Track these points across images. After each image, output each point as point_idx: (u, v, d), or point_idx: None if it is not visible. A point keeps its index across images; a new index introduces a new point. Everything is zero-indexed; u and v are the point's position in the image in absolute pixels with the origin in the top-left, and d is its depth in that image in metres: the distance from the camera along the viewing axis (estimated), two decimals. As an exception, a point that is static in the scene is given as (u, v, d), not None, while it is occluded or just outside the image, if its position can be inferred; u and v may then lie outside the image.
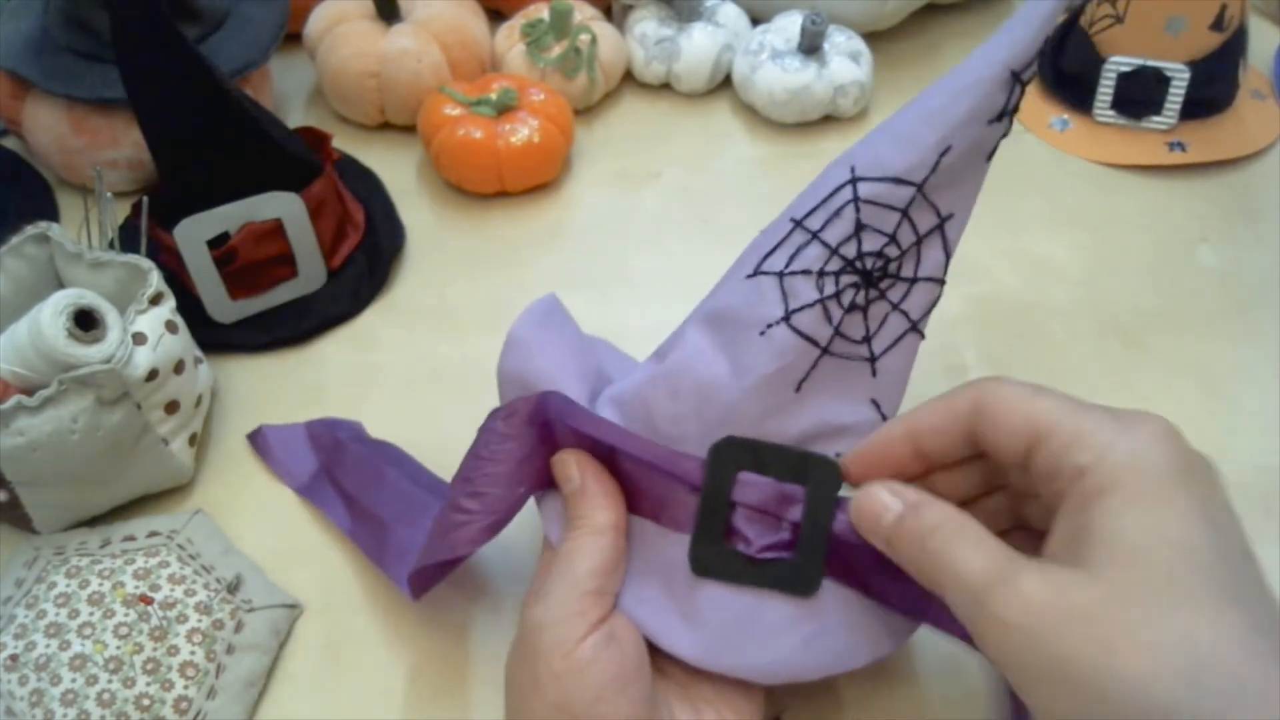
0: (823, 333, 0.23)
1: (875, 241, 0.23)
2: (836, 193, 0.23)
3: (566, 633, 0.23)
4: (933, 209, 0.23)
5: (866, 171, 0.23)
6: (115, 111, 0.41)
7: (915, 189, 0.23)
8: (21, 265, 0.33)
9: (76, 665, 0.27)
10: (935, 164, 0.22)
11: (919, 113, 0.23)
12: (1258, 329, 0.39)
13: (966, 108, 0.22)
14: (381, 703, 0.29)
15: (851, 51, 0.47)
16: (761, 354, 0.24)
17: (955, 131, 0.22)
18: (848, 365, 0.24)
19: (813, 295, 0.23)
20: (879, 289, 0.23)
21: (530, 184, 0.44)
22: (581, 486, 0.25)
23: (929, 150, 0.22)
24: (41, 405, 0.28)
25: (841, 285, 0.23)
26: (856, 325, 0.24)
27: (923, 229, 0.23)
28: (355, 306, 0.40)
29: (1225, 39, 0.45)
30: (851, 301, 0.23)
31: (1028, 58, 0.22)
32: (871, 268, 0.23)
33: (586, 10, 0.48)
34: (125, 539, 0.31)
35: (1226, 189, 0.45)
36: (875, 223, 0.23)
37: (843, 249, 0.23)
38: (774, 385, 0.24)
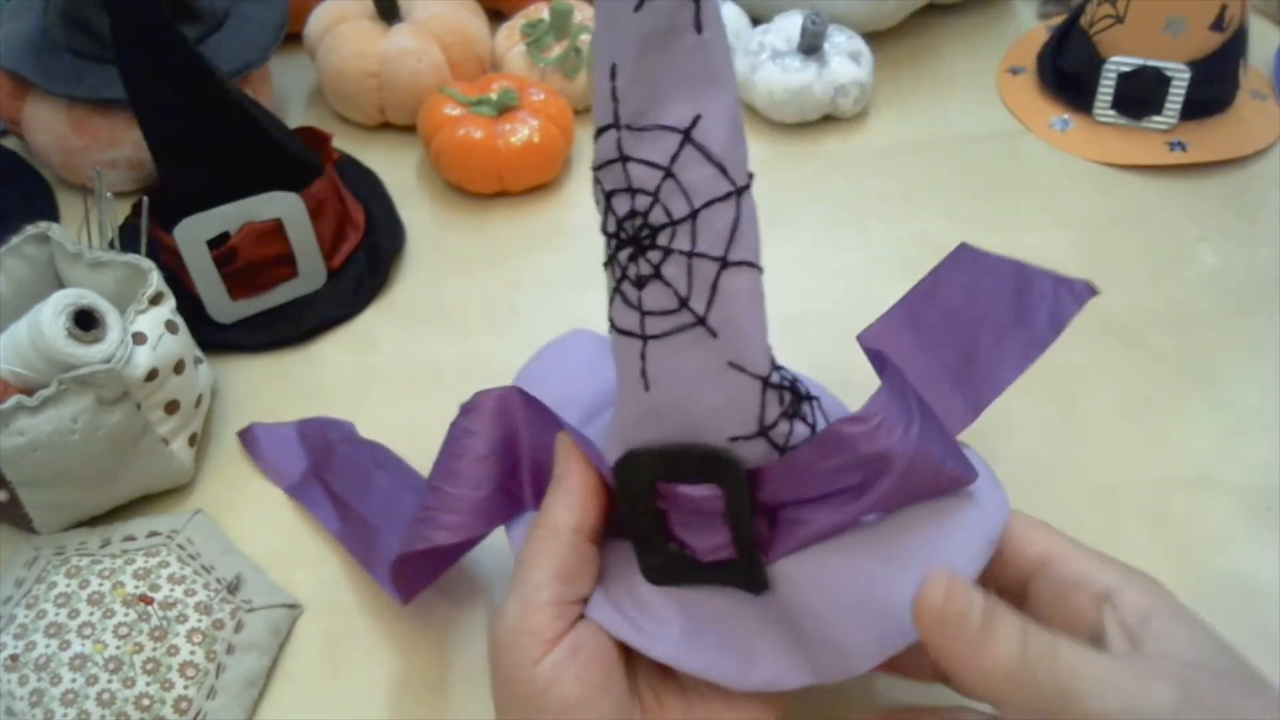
0: (632, 319, 0.21)
1: (623, 203, 0.20)
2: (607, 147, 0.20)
3: (522, 655, 0.21)
4: (660, 131, 0.19)
5: (632, 122, 0.20)
6: (115, 111, 0.41)
7: (613, 129, 0.19)
8: (21, 265, 0.33)
9: (76, 665, 0.27)
10: (613, 92, 0.19)
11: (595, 43, 0.20)
12: (1258, 329, 0.39)
13: (605, 13, 0.19)
14: (381, 703, 0.29)
15: (852, 51, 0.47)
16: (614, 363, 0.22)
17: (610, 45, 0.19)
18: (680, 340, 0.20)
19: (610, 285, 0.21)
20: (659, 246, 0.20)
21: (530, 184, 0.44)
22: (559, 476, 0.23)
23: (602, 83, 0.19)
24: (41, 405, 0.28)
25: (622, 261, 0.20)
26: (661, 295, 0.20)
27: (662, 158, 0.19)
28: (355, 306, 0.40)
29: (1225, 39, 0.45)
30: (639, 275, 0.20)
31: None
32: (635, 231, 0.20)
33: (587, 10, 0.48)
34: (125, 539, 0.31)
35: (1227, 189, 0.45)
36: (612, 183, 0.20)
37: (607, 227, 0.20)
38: (630, 390, 0.21)
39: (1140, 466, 0.34)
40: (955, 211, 0.44)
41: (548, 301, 0.41)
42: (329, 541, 0.33)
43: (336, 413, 0.36)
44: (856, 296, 0.40)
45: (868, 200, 0.45)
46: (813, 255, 0.42)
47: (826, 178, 0.46)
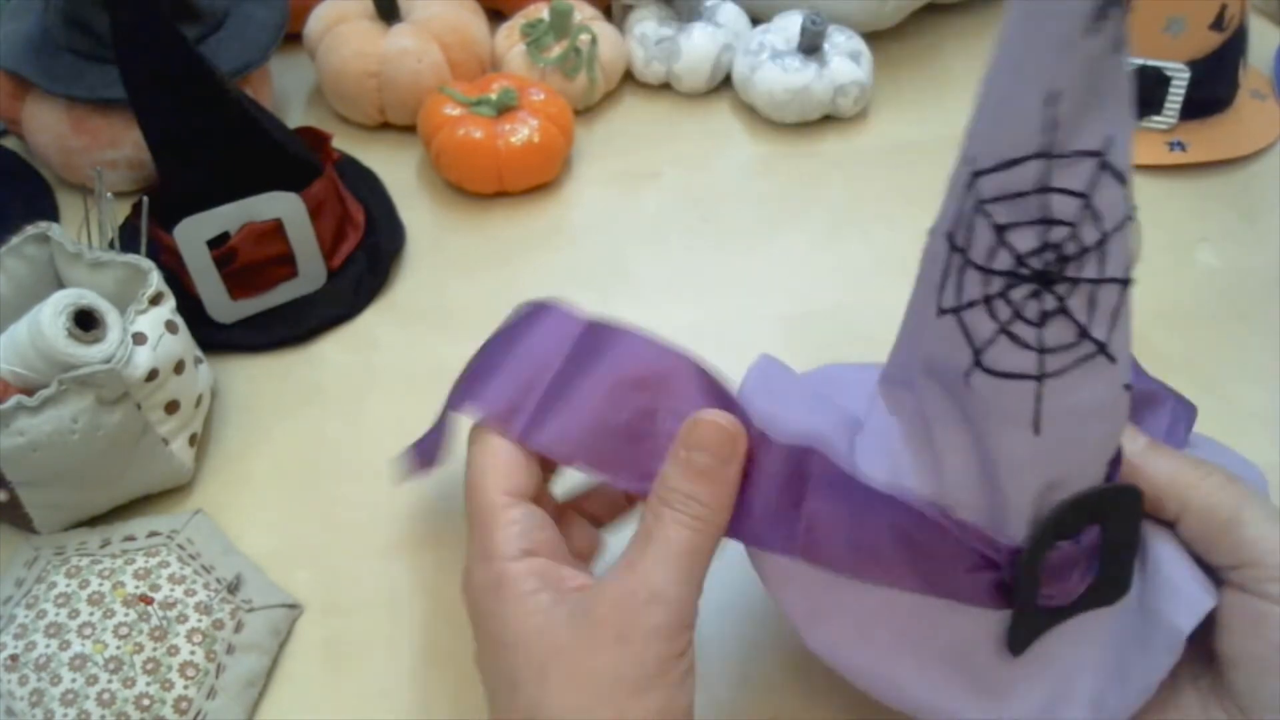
0: (1026, 361, 0.19)
1: (1028, 237, 0.19)
2: (965, 199, 0.19)
3: (679, 644, 0.20)
4: (1079, 157, 0.18)
5: (982, 163, 0.19)
6: (115, 111, 0.41)
7: (1038, 159, 0.18)
8: (21, 265, 0.33)
9: (76, 665, 0.27)
10: (1050, 121, 0.18)
11: (1007, 69, 0.18)
12: (1258, 329, 0.39)
13: (1049, 38, 0.17)
14: (381, 703, 0.29)
15: (851, 51, 0.47)
16: (970, 409, 0.20)
17: (1048, 70, 0.18)
18: (1081, 371, 0.19)
19: (991, 327, 0.19)
20: (1067, 279, 0.19)
21: (530, 184, 0.44)
22: (711, 468, 0.21)
23: (1024, 111, 0.18)
24: (41, 405, 0.28)
25: (1018, 300, 0.19)
26: (1063, 329, 0.19)
27: (1080, 185, 0.18)
28: (355, 306, 0.40)
29: (1225, 39, 0.45)
30: (1041, 311, 0.19)
31: None
32: (1044, 265, 0.19)
33: (586, 10, 0.48)
34: (125, 539, 0.31)
35: (1226, 189, 0.45)
36: (1015, 217, 0.19)
37: (994, 264, 0.19)
38: (1010, 438, 0.20)
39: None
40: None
41: (548, 301, 0.41)
42: (329, 541, 0.33)
43: (336, 413, 0.36)
44: (856, 296, 0.40)
45: (868, 200, 0.45)
46: (813, 255, 0.42)
47: (826, 178, 0.46)
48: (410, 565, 0.32)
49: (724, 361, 0.38)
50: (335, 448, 0.35)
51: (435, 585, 0.31)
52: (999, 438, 0.20)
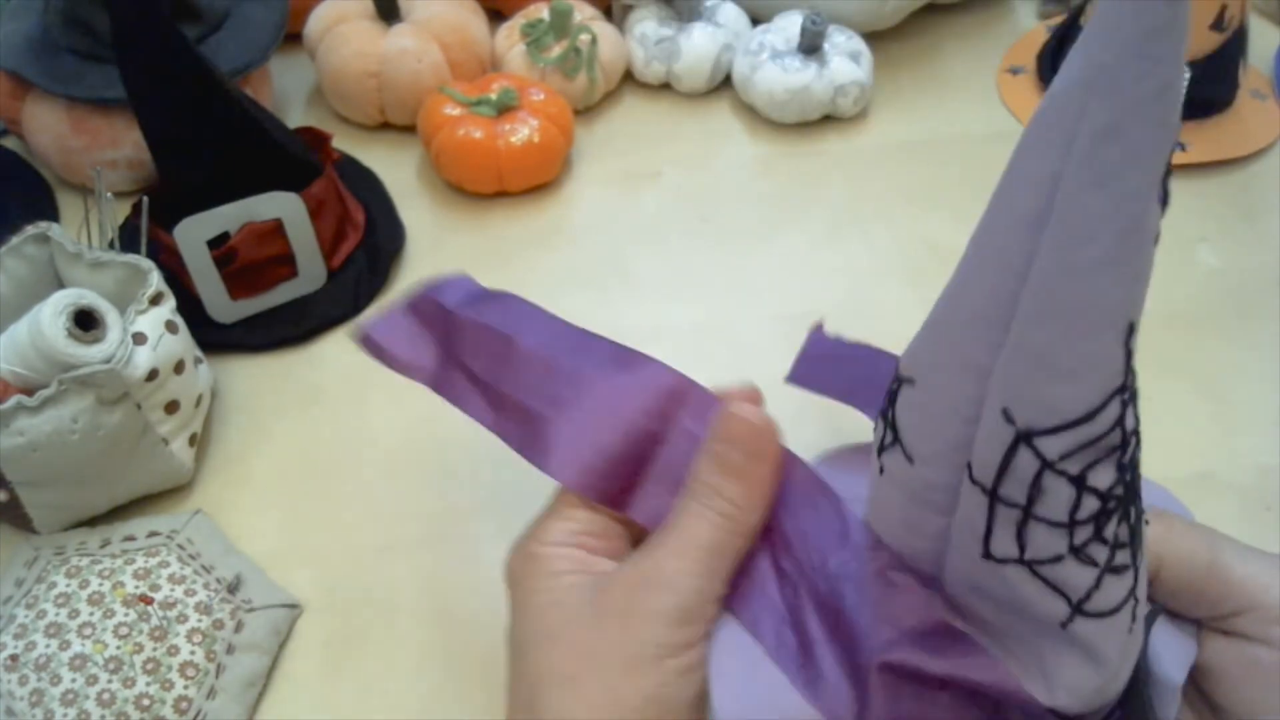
0: (1126, 585, 0.18)
1: (1108, 473, 0.17)
2: (1013, 462, 0.17)
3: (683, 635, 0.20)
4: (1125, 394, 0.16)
5: (1037, 421, 0.16)
6: (115, 112, 0.41)
7: (1122, 392, 0.16)
8: (21, 265, 0.33)
9: (76, 665, 0.27)
10: (1126, 357, 0.15)
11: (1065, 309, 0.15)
12: (1258, 329, 0.39)
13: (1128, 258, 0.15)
14: (381, 703, 0.29)
15: (851, 51, 0.47)
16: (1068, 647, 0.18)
17: (1129, 293, 0.15)
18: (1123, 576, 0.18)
19: (1090, 575, 0.17)
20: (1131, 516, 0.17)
21: (530, 184, 0.44)
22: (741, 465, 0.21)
23: (1116, 347, 0.15)
24: (41, 405, 0.28)
25: (1110, 534, 0.17)
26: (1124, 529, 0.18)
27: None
28: (355, 306, 0.40)
29: (1225, 39, 0.45)
30: (1129, 528, 0.18)
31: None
32: (1122, 492, 0.17)
33: (586, 10, 0.48)
34: (125, 539, 0.31)
35: (1226, 189, 0.45)
36: (1096, 458, 0.17)
37: (1080, 513, 0.17)
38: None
39: (1140, 466, 0.34)
40: (955, 211, 0.44)
41: (547, 301, 0.40)
42: (329, 541, 0.33)
43: (337, 412, 0.36)
44: (856, 296, 0.40)
45: (868, 200, 0.45)
46: (813, 255, 0.42)
47: (826, 177, 0.46)
48: (410, 565, 0.32)
49: (724, 361, 0.38)
50: (335, 448, 0.35)
51: (435, 585, 0.31)
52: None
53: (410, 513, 0.33)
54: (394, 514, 0.33)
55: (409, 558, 0.32)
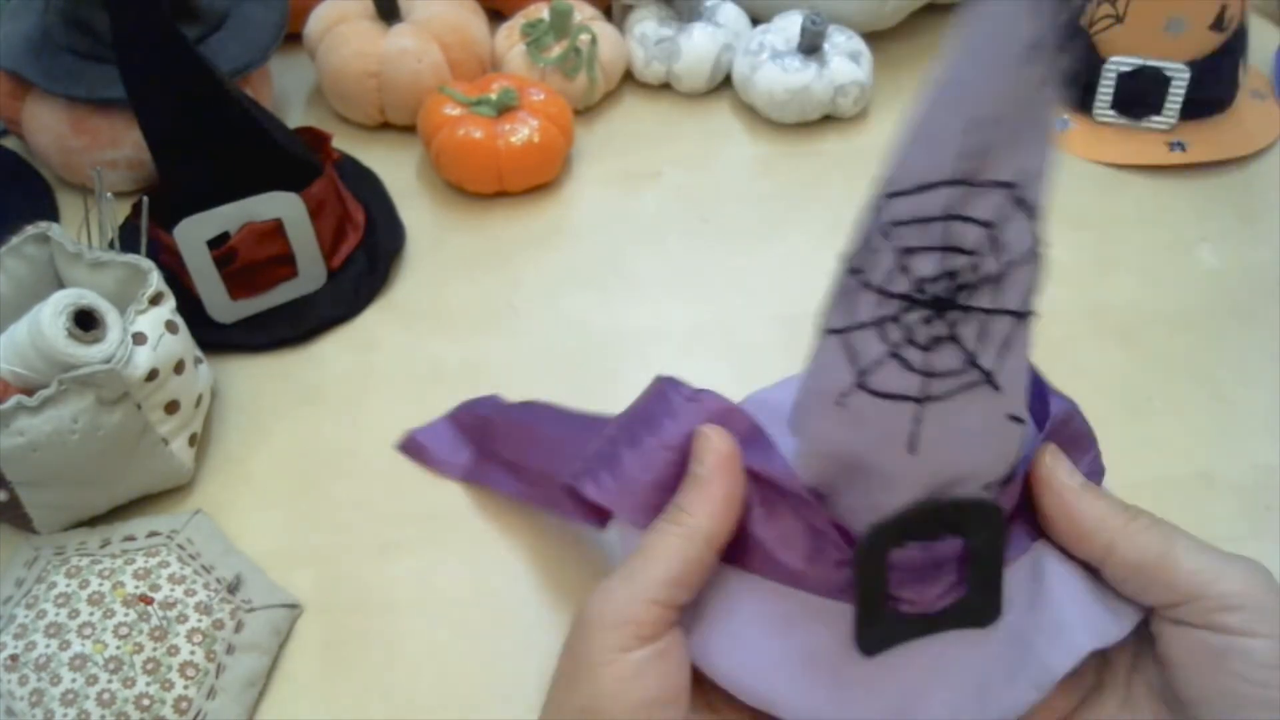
0: (909, 383, 0.19)
1: (929, 263, 0.18)
2: (873, 221, 0.19)
3: (617, 639, 0.21)
4: (992, 187, 0.18)
5: (897, 184, 0.19)
6: (115, 111, 0.41)
7: (948, 186, 0.18)
8: (21, 265, 0.33)
9: (76, 665, 0.27)
10: (964, 150, 0.18)
11: (936, 93, 0.18)
12: (1258, 329, 0.39)
13: (983, 64, 0.17)
14: (381, 703, 0.29)
15: (851, 51, 0.47)
16: (842, 427, 0.20)
17: (971, 97, 0.17)
18: (963, 399, 0.19)
19: (880, 349, 0.19)
20: (960, 307, 0.19)
21: (530, 184, 0.44)
22: (702, 477, 0.22)
23: (941, 136, 0.18)
24: (41, 405, 0.28)
25: (911, 324, 0.19)
26: (951, 356, 0.19)
27: (988, 215, 0.18)
28: (355, 306, 0.40)
29: (1225, 39, 0.45)
30: (931, 336, 0.19)
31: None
32: (942, 292, 0.19)
33: (586, 10, 0.48)
34: (125, 539, 0.31)
35: (1226, 189, 0.45)
36: (920, 241, 0.18)
37: (891, 286, 0.19)
38: (883, 455, 0.20)
39: (1140, 466, 0.34)
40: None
41: (547, 301, 0.41)
42: (329, 541, 0.33)
43: (336, 412, 0.36)
44: (856, 296, 0.40)
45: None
46: (813, 255, 0.42)
47: (826, 177, 0.46)
48: (410, 565, 0.32)
49: (723, 361, 0.39)
50: (335, 447, 0.35)
51: (435, 585, 0.31)
52: (875, 456, 0.20)
53: (410, 513, 0.33)
54: (393, 514, 0.33)
55: (409, 558, 0.32)
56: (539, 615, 0.31)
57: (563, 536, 0.32)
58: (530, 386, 0.37)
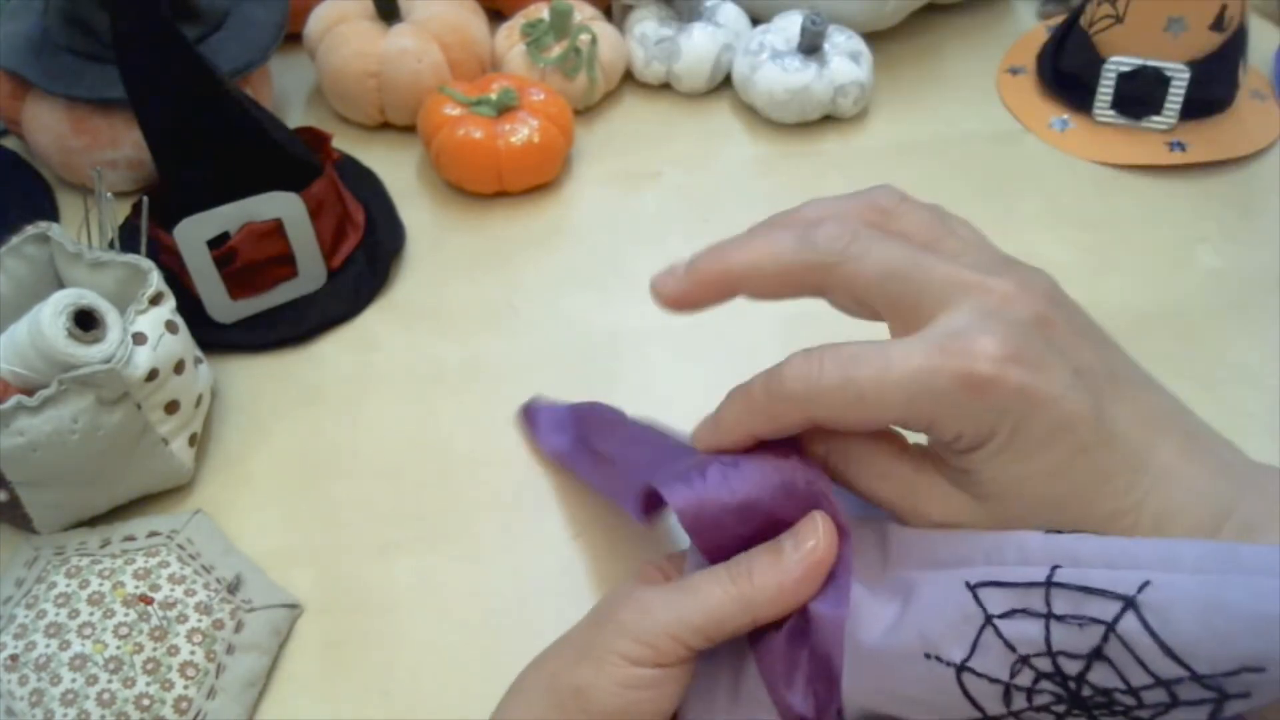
0: (994, 708, 0.18)
1: (1108, 679, 0.17)
2: (1101, 599, 0.17)
3: (634, 652, 0.21)
4: (1212, 690, 0.16)
5: (1150, 611, 0.17)
6: (115, 111, 0.41)
7: (1188, 675, 0.16)
8: (21, 265, 0.33)
9: (76, 665, 0.27)
10: (1231, 672, 0.16)
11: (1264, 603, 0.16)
12: (1258, 329, 0.39)
13: None
14: (381, 702, 0.29)
15: (851, 51, 0.47)
16: (911, 674, 0.19)
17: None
18: None
19: (1001, 674, 0.18)
20: (1090, 714, 0.18)
21: (530, 184, 0.44)
22: (788, 560, 0.21)
23: (1234, 657, 0.16)
24: (42, 405, 0.28)
25: (1039, 687, 0.18)
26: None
27: (1184, 698, 0.17)
28: (355, 306, 0.40)
29: (1225, 39, 0.45)
30: (1046, 706, 0.18)
31: None
32: (1088, 697, 0.18)
33: (586, 10, 0.48)
34: (125, 539, 0.31)
35: (1226, 189, 0.45)
36: (1119, 664, 0.17)
37: (1062, 661, 0.18)
38: (918, 710, 0.20)
39: None
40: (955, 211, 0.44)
41: (547, 301, 0.41)
42: (329, 541, 0.33)
43: (336, 412, 0.36)
44: (856, 296, 0.41)
45: (868, 200, 0.45)
46: (813, 255, 0.42)
47: (826, 177, 0.46)
48: (411, 565, 0.32)
49: (723, 362, 0.38)
50: (335, 447, 0.35)
51: (435, 585, 0.31)
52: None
53: (409, 513, 0.33)
54: (393, 514, 0.33)
55: (408, 557, 0.32)
56: (539, 615, 0.31)
57: (564, 537, 0.33)
58: (530, 386, 0.37)
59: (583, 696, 0.22)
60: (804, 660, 0.21)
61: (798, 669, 0.21)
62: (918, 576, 0.20)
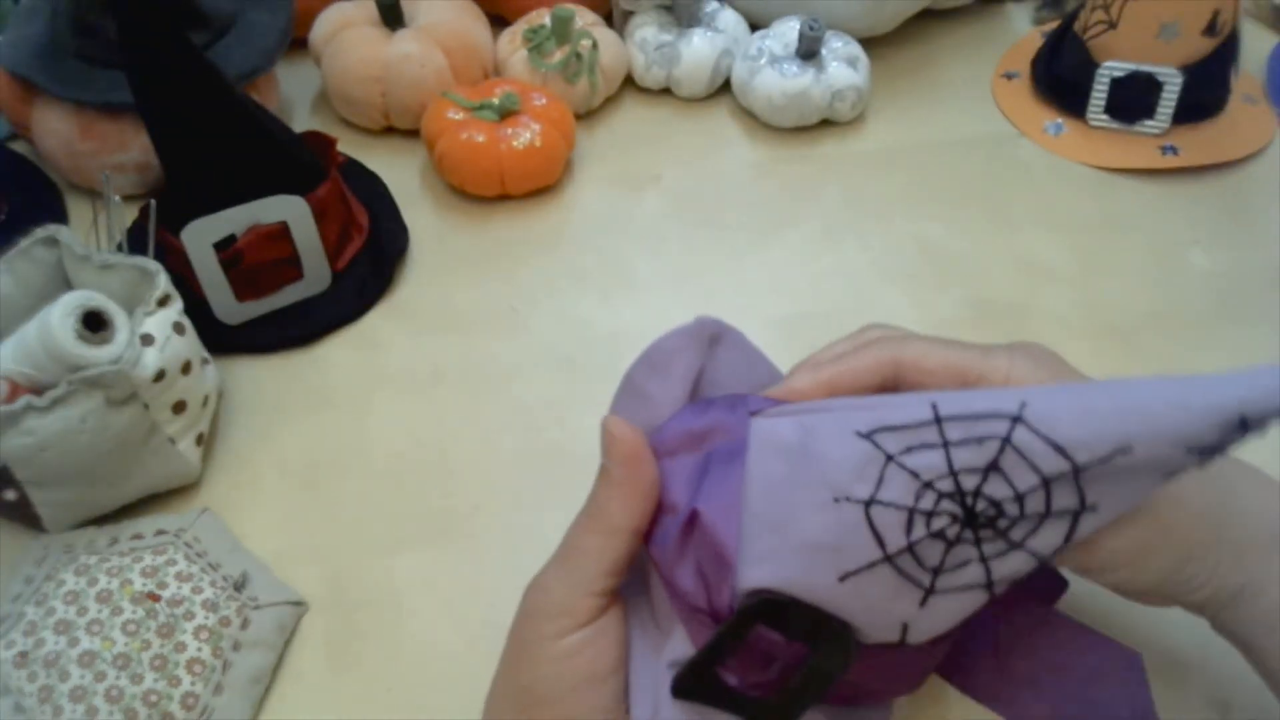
0: (895, 540, 0.21)
1: (1000, 489, 0.20)
2: (990, 420, 0.20)
3: (554, 628, 0.23)
4: (1078, 494, 0.20)
5: (1034, 420, 0.19)
6: (123, 116, 0.41)
7: (1070, 467, 0.19)
8: (31, 268, 0.33)
9: (85, 662, 0.27)
10: (1106, 457, 0.19)
11: (1123, 397, 0.19)
12: (1250, 331, 0.40)
13: (1174, 427, 0.19)
14: (386, 699, 0.29)
15: (849, 57, 0.47)
16: (819, 522, 0.21)
17: (1148, 441, 0.19)
18: (901, 583, 0.21)
19: (907, 500, 0.20)
20: (976, 535, 0.20)
21: (532, 187, 0.45)
22: (618, 475, 0.23)
23: (1107, 441, 0.19)
24: (51, 406, 0.28)
25: (940, 508, 0.20)
26: (932, 552, 0.21)
27: (1056, 507, 0.20)
28: (359, 308, 0.40)
29: (1217, 44, 0.45)
30: (941, 530, 0.20)
31: (1266, 410, 0.18)
32: (980, 511, 0.20)
33: (587, 16, 0.49)
34: (133, 537, 0.31)
35: (1219, 192, 0.46)
36: (1011, 472, 0.20)
37: (963, 477, 0.20)
38: (818, 560, 0.21)
39: None
40: (950, 215, 0.45)
41: (549, 303, 0.41)
42: (335, 539, 0.33)
43: (341, 413, 0.37)
44: (853, 298, 0.41)
45: (865, 203, 0.45)
46: (810, 257, 0.43)
47: (824, 181, 0.46)
48: (415, 563, 0.32)
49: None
50: (340, 447, 0.35)
51: (440, 583, 0.32)
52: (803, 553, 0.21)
53: (414, 512, 0.34)
54: (398, 513, 0.34)
55: (413, 556, 0.32)
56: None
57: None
58: (532, 387, 0.37)
59: (533, 692, 0.22)
60: (691, 550, 0.23)
61: (685, 559, 0.23)
62: (811, 428, 0.22)
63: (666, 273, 0.42)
